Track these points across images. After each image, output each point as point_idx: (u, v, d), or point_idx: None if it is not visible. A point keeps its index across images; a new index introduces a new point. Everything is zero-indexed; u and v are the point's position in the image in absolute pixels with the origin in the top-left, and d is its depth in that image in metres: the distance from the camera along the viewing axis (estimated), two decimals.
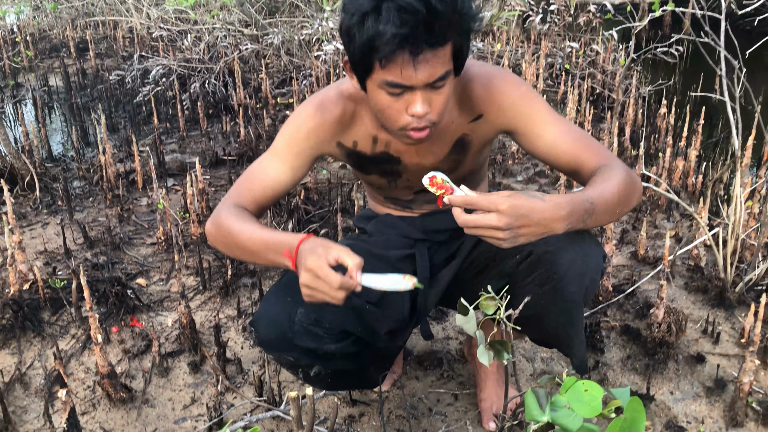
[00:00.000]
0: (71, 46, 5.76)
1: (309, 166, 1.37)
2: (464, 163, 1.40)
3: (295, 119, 1.34)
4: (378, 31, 1.04)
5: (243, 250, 1.23)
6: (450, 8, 1.05)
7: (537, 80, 3.98)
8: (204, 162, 3.32)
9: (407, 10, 1.03)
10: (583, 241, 1.26)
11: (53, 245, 2.51)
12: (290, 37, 4.80)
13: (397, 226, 1.52)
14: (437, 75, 1.10)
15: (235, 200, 1.31)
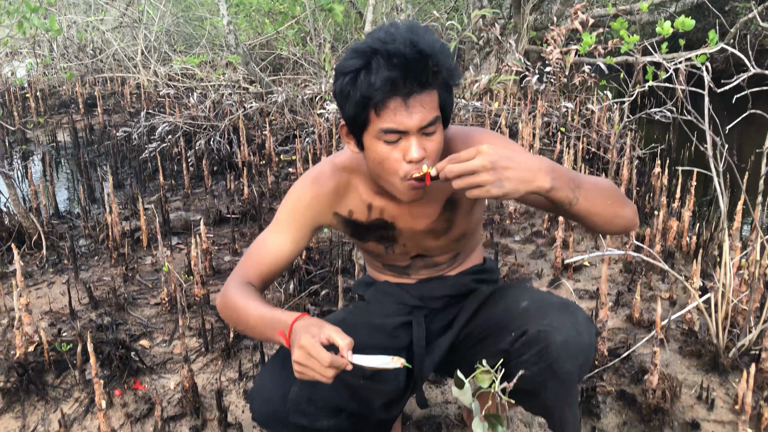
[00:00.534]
0: (80, 102, 5.91)
1: (309, 237, 1.44)
2: (456, 223, 1.46)
3: (293, 194, 1.42)
4: (370, 82, 1.15)
5: (245, 326, 1.31)
6: (432, 57, 1.17)
7: (534, 139, 4.08)
8: (208, 220, 3.39)
9: (395, 55, 1.14)
10: (576, 319, 1.30)
11: (58, 305, 2.55)
12: (294, 95, 4.94)
13: (394, 294, 1.56)
14: (428, 119, 1.19)
15: (242, 276, 1.39)
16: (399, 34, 1.16)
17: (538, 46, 5.83)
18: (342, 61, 1.21)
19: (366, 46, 1.17)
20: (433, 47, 1.17)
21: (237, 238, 3.13)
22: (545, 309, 1.34)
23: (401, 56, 1.14)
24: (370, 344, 1.44)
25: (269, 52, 6.51)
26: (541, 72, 5.03)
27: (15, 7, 2.39)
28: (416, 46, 1.15)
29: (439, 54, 1.18)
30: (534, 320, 1.32)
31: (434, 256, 1.54)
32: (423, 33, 1.18)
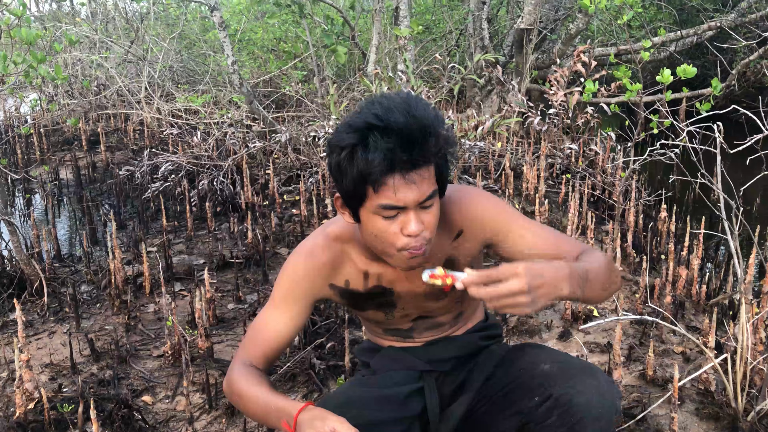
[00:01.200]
0: (83, 139, 5.92)
1: (308, 312, 1.44)
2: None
3: (287, 269, 1.42)
4: (368, 159, 1.14)
5: (251, 412, 1.33)
6: (428, 129, 1.15)
7: (538, 182, 4.07)
8: (211, 265, 3.35)
9: (393, 129, 1.13)
10: (599, 381, 1.29)
11: (59, 356, 2.50)
12: (297, 135, 4.94)
13: (402, 359, 1.53)
14: (426, 194, 1.19)
15: (245, 358, 1.40)
16: (394, 106, 1.15)
17: (540, 85, 5.86)
18: (336, 135, 1.20)
19: (362, 121, 1.16)
20: (429, 118, 1.16)
21: (241, 285, 3.09)
22: (568, 371, 1.33)
23: (399, 130, 1.13)
24: (383, 417, 1.40)
25: (273, 90, 6.55)
26: (543, 113, 5.04)
27: (22, 58, 2.38)
28: (414, 118, 1.14)
29: (436, 125, 1.17)
30: (558, 383, 1.31)
31: (437, 317, 1.51)
32: (418, 104, 1.17)
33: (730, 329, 2.21)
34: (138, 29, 6.99)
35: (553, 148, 4.80)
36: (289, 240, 3.66)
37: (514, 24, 5.92)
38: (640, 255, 3.39)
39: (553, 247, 1.35)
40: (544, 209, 3.75)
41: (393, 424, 1.41)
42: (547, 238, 1.37)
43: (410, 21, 5.49)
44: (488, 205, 1.39)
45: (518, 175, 4.50)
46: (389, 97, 1.19)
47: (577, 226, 3.53)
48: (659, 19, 7.58)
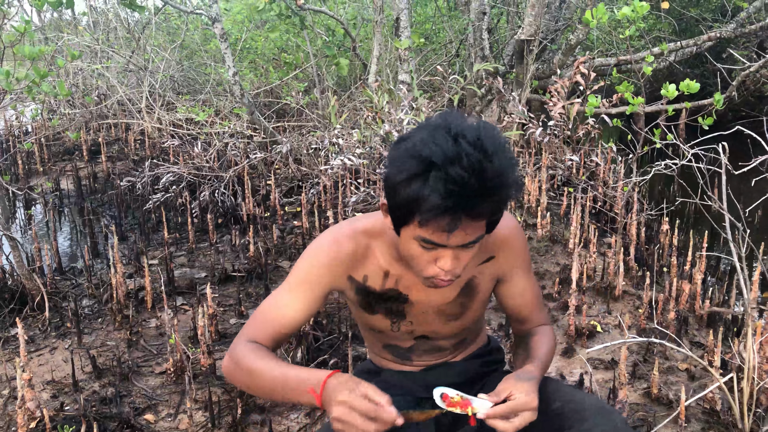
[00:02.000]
0: (84, 149, 5.91)
1: (322, 301, 1.39)
2: (470, 309, 1.43)
3: (310, 253, 1.37)
4: (423, 195, 1.07)
5: (263, 388, 1.24)
6: (497, 187, 1.08)
7: (540, 194, 4.06)
8: (213, 278, 3.35)
9: (456, 183, 1.05)
10: (615, 424, 1.27)
11: (61, 373, 2.49)
12: (298, 145, 4.94)
13: (399, 385, 1.51)
14: (471, 239, 1.16)
15: (251, 336, 1.32)
16: (466, 152, 1.05)
17: (541, 95, 5.86)
18: (400, 150, 1.12)
19: (429, 152, 1.07)
20: (499, 177, 1.07)
21: (243, 299, 3.08)
22: (581, 412, 1.30)
23: (462, 186, 1.05)
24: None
25: (274, 101, 6.55)
26: (544, 123, 5.04)
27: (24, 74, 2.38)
28: (482, 178, 1.05)
29: (507, 180, 1.09)
30: (571, 424, 1.29)
31: (439, 340, 1.50)
32: (493, 153, 1.07)
33: (735, 346, 2.20)
34: (139, 39, 7.00)
35: (554, 160, 4.80)
36: (290, 253, 3.65)
37: (514, 34, 5.93)
38: (642, 269, 3.39)
39: (528, 311, 1.48)
40: (546, 222, 3.75)
41: None
42: (532, 302, 1.48)
43: (411, 32, 5.49)
44: (521, 244, 1.42)
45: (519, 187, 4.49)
46: (466, 129, 1.09)
47: (579, 239, 3.53)
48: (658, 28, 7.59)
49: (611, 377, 2.37)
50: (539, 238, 3.73)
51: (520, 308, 1.47)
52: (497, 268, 1.40)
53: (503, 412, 1.20)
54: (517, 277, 1.43)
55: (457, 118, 1.13)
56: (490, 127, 1.12)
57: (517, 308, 1.47)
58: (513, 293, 1.45)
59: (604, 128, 5.31)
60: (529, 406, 1.20)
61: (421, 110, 4.25)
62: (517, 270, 1.43)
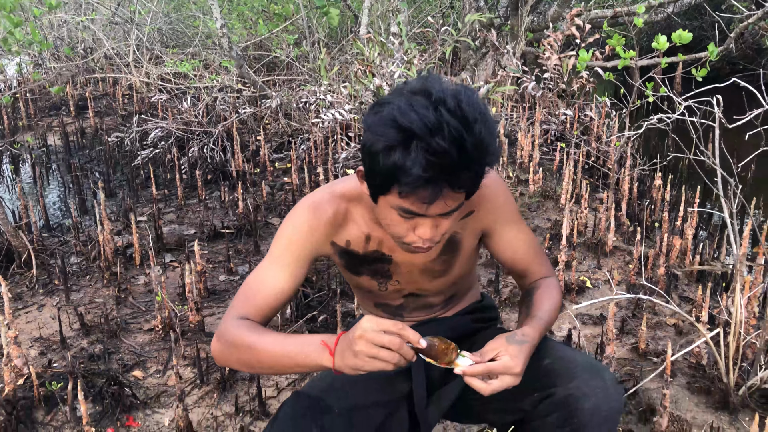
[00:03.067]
0: (71, 104, 5.81)
1: (308, 269, 1.37)
2: (455, 265, 1.41)
3: (289, 223, 1.34)
4: (403, 166, 1.03)
5: (263, 361, 1.20)
6: (479, 158, 1.06)
7: (533, 150, 4.02)
8: (202, 235, 3.32)
9: (437, 153, 1.02)
10: (605, 383, 1.26)
11: (49, 330, 2.48)
12: (288, 100, 4.86)
13: None
14: (451, 208, 1.14)
15: (239, 313, 1.29)
16: (447, 122, 1.02)
17: (535, 48, 5.76)
18: (378, 119, 1.07)
19: (408, 121, 1.03)
20: (480, 148, 1.05)
21: (232, 256, 3.06)
22: (571, 369, 1.29)
23: (443, 157, 1.02)
24: (368, 400, 1.38)
25: (263, 54, 6.42)
26: (538, 78, 4.96)
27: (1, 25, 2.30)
28: (463, 148, 1.03)
29: (484, 156, 1.07)
30: (560, 381, 1.28)
31: (428, 296, 1.49)
32: (474, 122, 1.04)
33: (723, 301, 2.20)
34: None
35: (548, 114, 4.74)
36: (280, 209, 3.62)
37: None
38: (633, 224, 3.38)
39: (525, 263, 1.44)
40: (538, 177, 3.72)
41: (378, 407, 1.38)
42: (526, 251, 1.43)
43: None
44: (502, 197, 1.38)
45: (512, 142, 4.45)
46: (447, 95, 1.05)
47: (571, 194, 3.50)
48: None
49: (599, 332, 2.37)
50: (531, 194, 3.71)
51: (514, 261, 1.43)
52: (478, 223, 1.38)
53: (480, 372, 1.17)
54: (503, 230, 1.40)
55: (437, 82, 1.08)
56: (470, 93, 1.08)
57: (511, 261, 1.43)
58: (502, 247, 1.41)
59: (598, 82, 5.23)
60: (510, 371, 1.17)
61: (413, 63, 4.17)
62: (502, 223, 1.39)
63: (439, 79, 1.10)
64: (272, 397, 2.11)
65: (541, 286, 1.41)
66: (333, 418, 1.30)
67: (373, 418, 1.36)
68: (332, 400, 1.33)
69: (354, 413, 1.34)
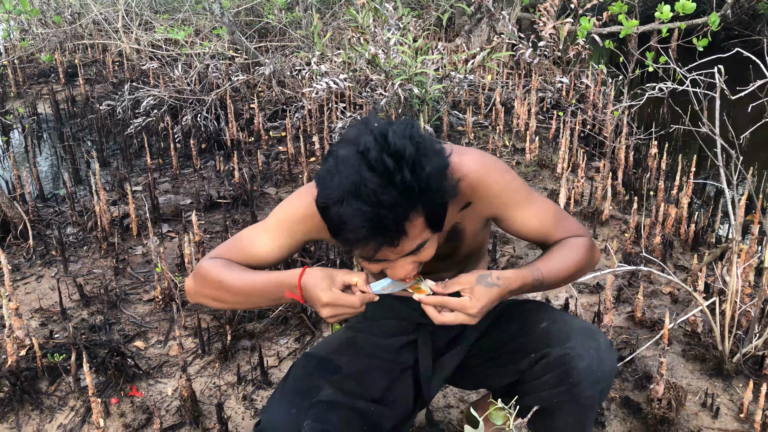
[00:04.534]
0: (60, 72, 5.72)
1: (297, 248, 1.38)
2: (461, 248, 1.42)
3: (292, 202, 1.36)
4: (344, 222, 1.06)
5: (235, 295, 1.27)
6: (405, 205, 1.05)
7: (529, 118, 4.01)
8: (198, 205, 3.31)
9: (362, 215, 1.03)
10: (599, 344, 1.29)
11: (48, 301, 2.48)
12: (281, 67, 4.80)
13: (397, 310, 1.52)
14: (411, 248, 1.14)
15: (218, 255, 1.34)
16: (365, 181, 1.03)
17: (531, 14, 5.70)
18: (324, 168, 1.10)
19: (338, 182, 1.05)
20: (410, 186, 1.04)
21: (229, 226, 3.06)
22: (567, 332, 1.33)
23: (369, 217, 1.03)
24: (374, 366, 1.41)
25: (255, 19, 6.32)
26: (534, 44, 4.92)
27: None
28: (383, 205, 1.03)
29: (419, 191, 1.05)
30: (555, 343, 1.31)
31: (439, 272, 1.49)
32: (401, 166, 1.03)
33: (718, 270, 2.23)
34: None
35: (544, 82, 4.72)
36: (276, 179, 3.61)
37: None
38: (629, 193, 3.39)
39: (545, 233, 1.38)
40: (535, 146, 3.72)
41: (384, 372, 1.42)
42: (545, 223, 1.36)
43: None
44: (498, 184, 1.31)
45: (509, 110, 4.43)
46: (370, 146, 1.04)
47: (567, 163, 3.51)
48: None
49: (596, 301, 2.40)
50: (527, 163, 3.71)
51: (534, 235, 1.38)
52: (479, 212, 1.34)
53: (434, 302, 1.21)
54: (511, 214, 1.34)
55: (370, 127, 1.08)
56: (405, 132, 1.07)
57: (530, 236, 1.38)
58: (516, 228, 1.37)
59: (594, 49, 5.20)
60: (465, 310, 1.19)
61: (409, 30, 4.12)
62: (507, 208, 1.34)
63: (373, 121, 1.10)
64: (274, 366, 2.13)
65: (559, 242, 1.36)
66: (342, 378, 1.35)
67: (380, 383, 1.40)
68: (341, 361, 1.39)
69: (361, 376, 1.38)
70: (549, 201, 1.40)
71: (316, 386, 1.30)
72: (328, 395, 1.29)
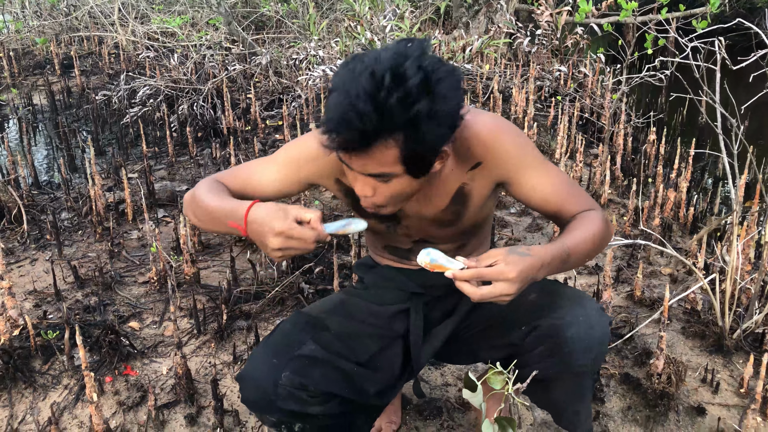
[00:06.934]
0: (56, 63, 5.69)
1: (298, 189, 1.38)
2: (465, 215, 1.38)
3: (303, 140, 1.35)
4: (327, 108, 1.07)
5: (203, 213, 1.26)
6: (374, 125, 1.03)
7: (527, 105, 3.99)
8: None
9: (336, 109, 1.04)
10: (588, 311, 1.27)
11: (43, 284, 2.46)
12: (278, 57, 4.78)
13: (394, 279, 1.51)
14: (372, 171, 1.12)
15: (218, 178, 1.34)
16: (353, 86, 1.03)
17: (529, 4, 5.69)
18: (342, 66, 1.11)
19: (338, 75, 1.08)
20: (392, 111, 1.02)
21: None
22: (556, 301, 1.31)
23: (339, 114, 1.04)
24: (365, 331, 1.40)
25: (252, 11, 6.30)
26: (532, 33, 4.91)
27: None
28: (355, 111, 1.02)
29: (399, 121, 1.03)
30: (545, 314, 1.29)
31: (438, 244, 1.47)
32: (393, 89, 1.02)
33: (718, 249, 2.22)
34: None
35: (542, 70, 4.70)
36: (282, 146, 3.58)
37: None
38: (628, 178, 3.38)
39: (555, 204, 1.32)
40: (533, 133, 3.70)
41: (374, 338, 1.40)
42: (557, 192, 1.31)
43: None
44: (512, 145, 1.28)
45: (506, 99, 4.41)
46: (384, 63, 1.04)
47: (566, 149, 3.49)
48: None
49: (595, 282, 2.38)
50: None
51: (545, 204, 1.32)
52: (488, 174, 1.31)
53: (470, 276, 1.11)
54: (522, 177, 1.30)
55: (394, 52, 1.06)
56: (419, 63, 1.04)
57: (541, 205, 1.33)
58: (526, 194, 1.32)
59: (592, 39, 5.18)
60: (504, 275, 1.08)
61: (405, 17, 4.10)
62: (519, 171, 1.30)
63: (403, 51, 1.06)
64: None
65: (576, 218, 1.30)
66: (330, 337, 1.33)
67: (368, 347, 1.38)
68: (331, 322, 1.37)
69: (350, 338, 1.37)
70: (562, 171, 1.36)
71: (301, 341, 1.28)
72: (311, 350, 1.28)
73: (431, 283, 1.50)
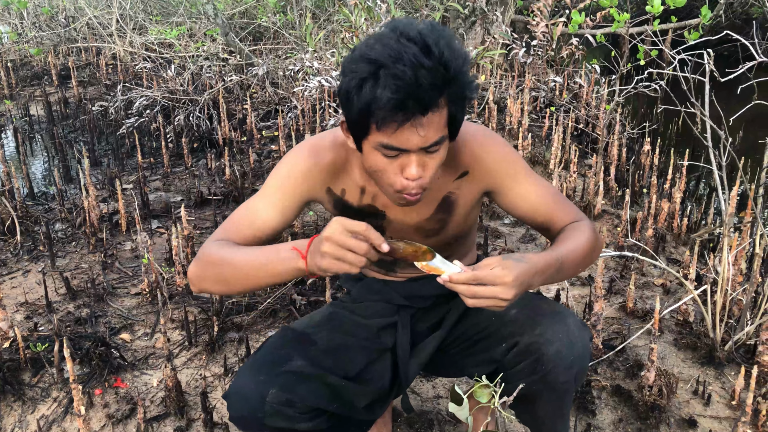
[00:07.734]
0: (53, 74, 5.71)
1: (299, 210, 1.36)
2: (450, 224, 1.39)
3: (287, 161, 1.33)
4: (375, 96, 1.06)
5: (239, 272, 1.20)
6: (441, 79, 1.06)
7: (522, 116, 4.00)
8: (189, 202, 3.29)
9: (400, 78, 1.04)
10: (568, 327, 1.26)
11: (34, 295, 2.45)
12: (275, 68, 4.79)
13: (380, 292, 1.50)
14: (432, 140, 1.12)
15: (220, 237, 1.29)
16: (406, 49, 1.05)
17: (525, 16, 5.71)
18: (352, 59, 1.10)
19: (376, 54, 1.06)
20: (448, 63, 1.06)
21: (219, 222, 3.04)
22: (535, 318, 1.30)
23: (408, 79, 1.04)
24: (353, 344, 1.39)
25: (249, 22, 6.32)
26: (527, 44, 4.92)
27: None
28: (424, 68, 1.04)
29: (456, 71, 1.07)
30: (525, 330, 1.28)
31: None
32: (439, 42, 1.06)
33: (710, 261, 2.21)
34: None
35: (537, 81, 4.71)
36: (267, 177, 3.58)
37: None
38: (622, 188, 3.38)
39: (545, 215, 1.34)
40: (527, 143, 3.71)
41: (362, 352, 1.39)
42: (543, 202, 1.33)
43: None
44: (499, 154, 1.31)
45: (501, 109, 4.42)
46: (410, 28, 1.08)
47: (560, 159, 3.50)
48: None
49: (587, 293, 2.38)
50: None
51: (532, 215, 1.34)
52: (476, 184, 1.33)
53: (466, 279, 1.09)
54: (509, 187, 1.32)
55: (403, 21, 1.10)
56: (434, 25, 1.10)
57: (529, 216, 1.35)
58: (513, 203, 1.34)
59: (588, 50, 5.20)
60: (500, 279, 1.07)
61: None
62: (506, 180, 1.32)
63: (408, 20, 1.11)
64: None
65: (565, 230, 1.31)
66: (317, 351, 1.32)
67: (356, 362, 1.37)
68: (318, 337, 1.36)
69: (338, 352, 1.35)
70: (548, 182, 1.38)
71: (288, 357, 1.27)
72: (299, 366, 1.26)
73: (417, 294, 1.50)
